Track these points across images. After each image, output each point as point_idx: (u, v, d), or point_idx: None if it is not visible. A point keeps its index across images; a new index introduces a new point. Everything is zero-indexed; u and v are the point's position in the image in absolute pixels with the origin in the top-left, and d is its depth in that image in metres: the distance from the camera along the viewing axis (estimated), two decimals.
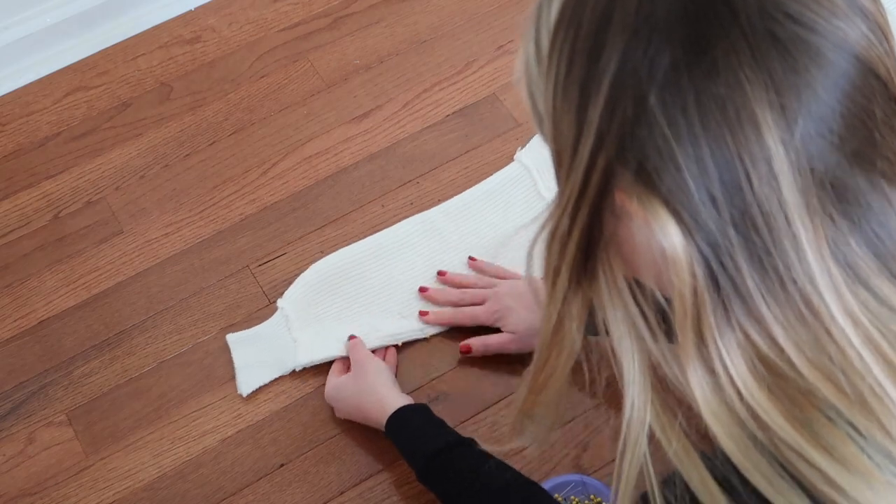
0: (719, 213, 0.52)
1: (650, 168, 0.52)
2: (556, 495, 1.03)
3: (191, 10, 1.53)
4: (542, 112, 0.59)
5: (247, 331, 1.20)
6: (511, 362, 1.16)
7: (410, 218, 1.28)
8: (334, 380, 1.14)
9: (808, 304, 0.53)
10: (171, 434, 1.15)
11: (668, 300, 0.57)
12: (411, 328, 1.19)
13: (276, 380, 1.17)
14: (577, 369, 0.68)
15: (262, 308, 1.23)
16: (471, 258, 1.23)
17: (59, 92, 1.45)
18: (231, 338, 1.20)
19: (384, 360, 1.16)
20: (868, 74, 0.53)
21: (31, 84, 1.46)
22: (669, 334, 0.58)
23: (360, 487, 1.09)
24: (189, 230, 1.30)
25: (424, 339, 1.19)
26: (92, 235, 1.31)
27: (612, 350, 0.60)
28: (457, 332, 1.19)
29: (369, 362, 1.12)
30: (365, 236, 1.27)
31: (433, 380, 1.16)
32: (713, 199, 0.52)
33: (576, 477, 1.04)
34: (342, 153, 1.36)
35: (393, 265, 1.24)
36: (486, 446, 1.10)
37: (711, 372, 0.55)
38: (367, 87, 1.42)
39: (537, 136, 1.32)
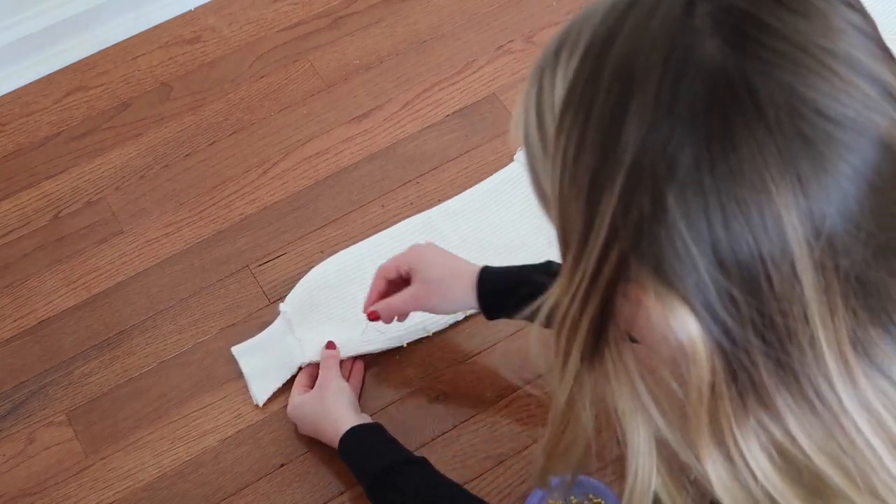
0: (739, 311, 0.50)
1: (667, 265, 0.50)
2: (555, 495, 1.03)
3: (191, 10, 1.53)
4: (546, 192, 0.56)
5: (251, 340, 1.20)
6: (512, 363, 1.16)
7: (410, 218, 1.28)
8: (296, 398, 1.13)
9: (819, 396, 0.52)
10: (171, 434, 1.15)
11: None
12: (415, 327, 1.19)
13: None
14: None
15: (262, 308, 1.23)
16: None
17: (59, 92, 1.45)
18: (236, 349, 1.19)
19: (350, 375, 1.15)
20: None
21: (31, 84, 1.46)
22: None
23: (359, 487, 1.08)
24: (189, 230, 1.30)
25: (427, 337, 1.19)
26: (92, 235, 1.31)
27: (617, 420, 0.59)
28: (459, 329, 1.19)
29: (331, 384, 1.10)
30: (365, 236, 1.27)
31: (433, 380, 1.16)
32: (733, 299, 0.50)
33: None
34: (342, 153, 1.36)
35: None
36: (486, 446, 1.11)
37: (728, 457, 0.54)
38: (367, 87, 1.42)
39: None
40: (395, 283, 1.09)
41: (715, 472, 0.55)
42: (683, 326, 0.51)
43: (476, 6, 1.50)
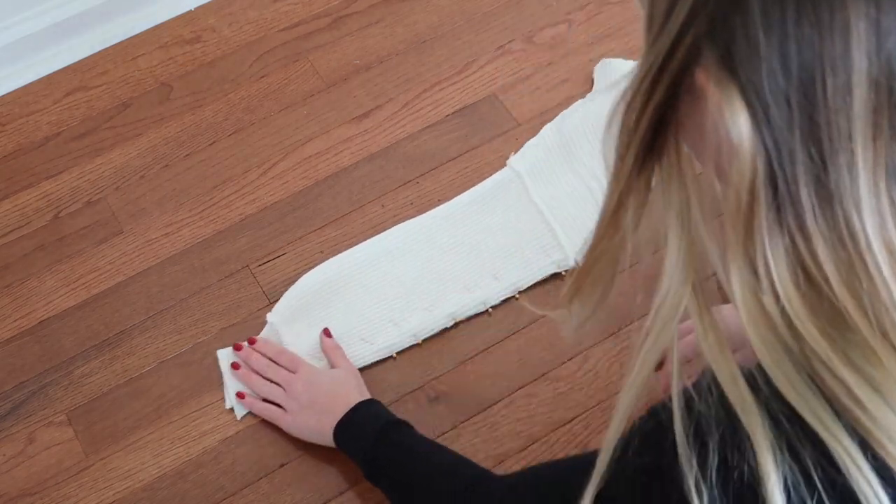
0: (791, 113, 0.52)
1: (735, 54, 0.53)
2: None
3: (191, 10, 1.53)
4: None
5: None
6: (512, 363, 1.16)
7: (401, 224, 1.27)
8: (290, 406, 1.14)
9: (849, 226, 0.53)
10: (171, 434, 1.15)
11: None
12: (405, 336, 1.18)
13: None
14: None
15: (262, 308, 1.23)
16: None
17: (59, 92, 1.45)
18: (222, 353, 1.19)
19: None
20: None
21: (31, 84, 1.46)
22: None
23: (359, 487, 1.09)
24: (189, 230, 1.30)
25: (428, 337, 1.19)
26: (92, 235, 1.31)
27: (662, 230, 0.61)
28: (459, 329, 1.19)
29: (332, 370, 1.13)
30: (365, 236, 1.27)
31: (433, 380, 1.16)
32: (787, 100, 0.52)
33: None
34: (342, 153, 1.36)
35: (385, 272, 1.23)
36: (486, 446, 1.11)
37: (754, 273, 0.56)
38: (367, 87, 1.42)
39: (531, 140, 1.33)
40: None
41: (739, 287, 0.56)
42: (735, 120, 0.53)
43: (476, 6, 1.50)
